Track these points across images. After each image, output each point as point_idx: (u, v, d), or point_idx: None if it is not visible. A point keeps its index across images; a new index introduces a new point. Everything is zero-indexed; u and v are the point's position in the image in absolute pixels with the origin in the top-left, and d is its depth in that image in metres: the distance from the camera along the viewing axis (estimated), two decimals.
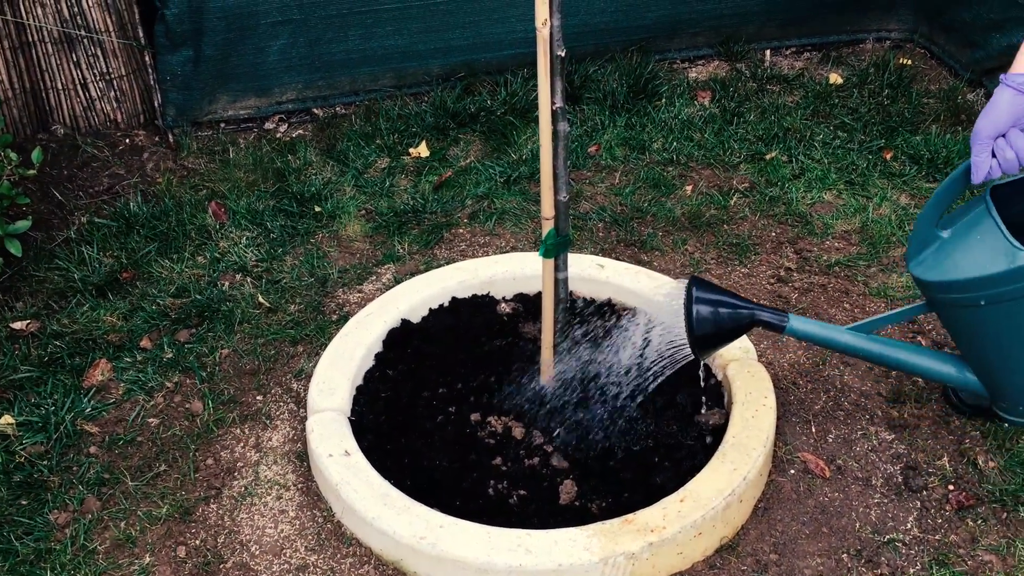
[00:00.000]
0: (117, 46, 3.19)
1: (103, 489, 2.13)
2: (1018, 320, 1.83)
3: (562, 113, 1.89)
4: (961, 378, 2.02)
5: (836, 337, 2.02)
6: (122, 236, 2.84)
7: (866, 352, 2.04)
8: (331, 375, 2.25)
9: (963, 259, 1.86)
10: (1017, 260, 1.77)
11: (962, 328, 1.96)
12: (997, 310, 1.83)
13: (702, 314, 1.90)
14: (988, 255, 1.81)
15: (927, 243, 1.93)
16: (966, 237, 1.88)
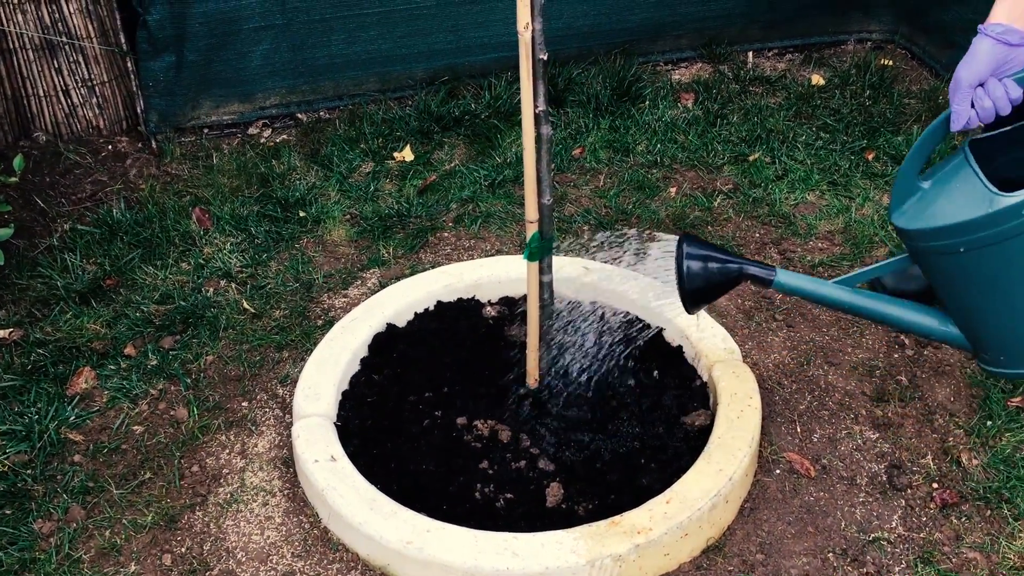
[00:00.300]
0: (99, 52, 3.18)
1: (88, 498, 2.11)
2: (996, 266, 1.85)
3: (545, 116, 1.90)
4: (944, 331, 2.02)
5: (822, 291, 2.03)
6: (105, 243, 2.83)
7: (851, 305, 2.05)
8: (317, 380, 2.24)
9: (943, 207, 1.88)
10: (995, 205, 1.79)
11: (944, 277, 1.98)
12: (977, 256, 1.85)
13: (693, 269, 1.92)
14: (967, 202, 1.83)
15: (908, 194, 1.95)
16: (946, 186, 1.90)
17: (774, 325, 2.52)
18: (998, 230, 1.80)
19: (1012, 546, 1.95)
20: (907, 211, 1.95)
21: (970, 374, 2.35)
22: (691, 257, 1.93)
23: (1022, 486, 2.06)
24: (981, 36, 1.79)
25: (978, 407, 2.26)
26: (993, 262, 1.85)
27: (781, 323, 2.52)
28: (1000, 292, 1.90)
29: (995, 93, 1.77)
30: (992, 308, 1.93)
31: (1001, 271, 1.86)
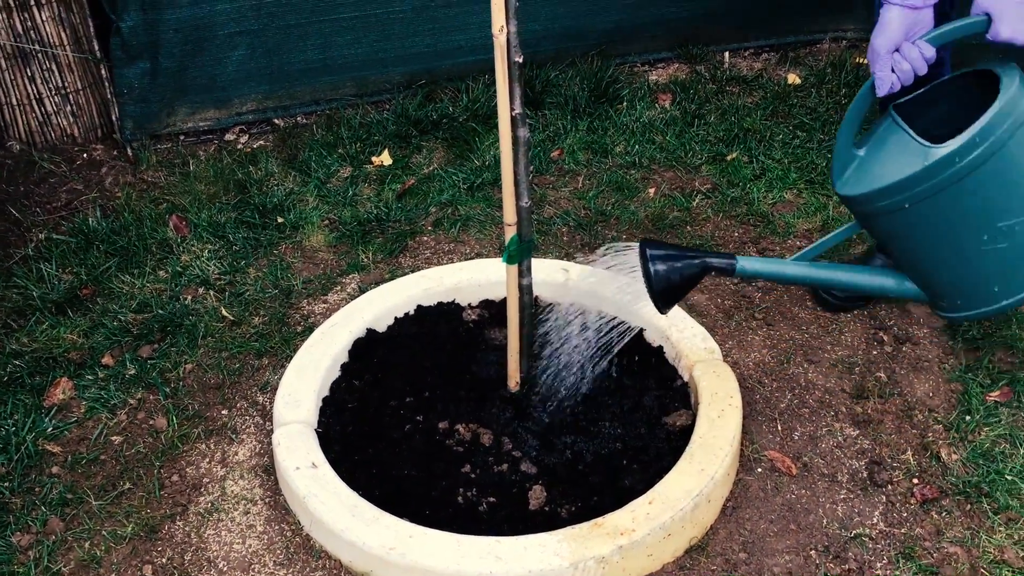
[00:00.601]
0: (72, 60, 3.15)
1: (66, 509, 2.09)
2: (940, 215, 1.96)
3: (522, 119, 1.90)
4: (901, 288, 2.12)
5: (783, 270, 2.13)
6: (81, 252, 2.80)
7: (813, 278, 2.17)
8: (297, 387, 2.23)
9: (882, 168, 1.99)
10: (930, 157, 1.91)
11: (893, 236, 2.08)
12: (920, 209, 1.96)
13: (660, 271, 2.00)
14: (904, 160, 1.95)
15: (847, 163, 2.07)
16: (881, 149, 2.02)
17: (754, 324, 2.53)
18: (936, 181, 1.91)
19: (992, 540, 1.97)
20: (849, 179, 2.06)
21: (948, 369, 2.37)
22: (655, 260, 2.00)
23: (1001, 480, 2.08)
24: (888, 5, 1.90)
25: (957, 402, 2.28)
26: (936, 212, 1.95)
27: (761, 322, 2.53)
28: (947, 239, 2.00)
29: (911, 55, 1.90)
30: (942, 256, 2.03)
31: (944, 219, 1.96)
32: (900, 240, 2.07)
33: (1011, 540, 1.96)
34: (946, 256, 2.02)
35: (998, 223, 1.94)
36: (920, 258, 2.07)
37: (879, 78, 1.93)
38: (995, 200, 1.93)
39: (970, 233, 1.97)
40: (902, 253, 2.10)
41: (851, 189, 2.05)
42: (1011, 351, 2.39)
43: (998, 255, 1.98)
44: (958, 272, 2.04)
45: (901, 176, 1.94)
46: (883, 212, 2.01)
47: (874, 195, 1.99)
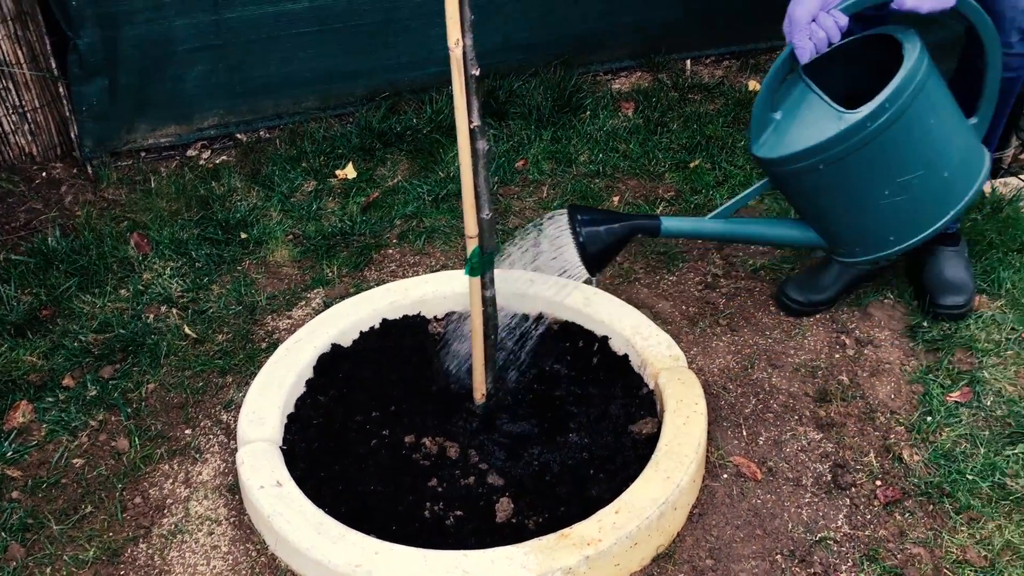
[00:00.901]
0: (30, 78, 3.12)
1: (27, 535, 2.06)
2: (849, 174, 2.13)
3: (481, 131, 1.90)
4: (805, 237, 2.33)
5: (703, 227, 2.32)
6: (41, 272, 2.77)
7: (730, 233, 2.34)
8: (261, 404, 2.21)
9: (799, 132, 2.14)
10: (844, 123, 2.06)
11: (805, 194, 2.25)
12: (832, 169, 2.12)
13: (589, 234, 2.12)
14: (819, 124, 2.10)
15: (765, 127, 2.21)
16: (797, 113, 2.16)
17: (718, 330, 2.54)
18: (849, 144, 2.07)
19: (954, 540, 1.99)
20: (766, 142, 2.20)
21: (909, 371, 2.40)
22: (584, 223, 2.13)
23: (962, 480, 2.10)
24: None
25: (918, 403, 2.30)
26: (845, 171, 2.12)
27: (725, 328, 2.55)
28: (853, 194, 2.18)
29: (826, 24, 2.04)
30: (847, 209, 2.22)
31: (852, 177, 2.14)
32: (809, 196, 2.24)
33: (973, 540, 1.99)
34: (851, 209, 2.21)
35: (898, 179, 2.14)
36: (827, 212, 2.25)
37: (799, 47, 2.06)
38: (897, 158, 2.12)
39: (874, 189, 2.16)
40: (809, 208, 2.28)
41: (769, 152, 2.18)
42: (970, 352, 2.42)
43: (896, 207, 2.18)
44: (860, 223, 2.24)
45: (817, 140, 2.08)
46: (797, 173, 2.16)
47: (791, 158, 2.13)
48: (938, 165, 2.15)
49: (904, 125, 2.06)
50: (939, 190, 2.19)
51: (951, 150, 2.17)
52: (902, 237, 2.25)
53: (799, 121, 2.15)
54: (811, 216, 2.29)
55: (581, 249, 2.13)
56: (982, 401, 2.29)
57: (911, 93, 2.04)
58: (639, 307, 2.54)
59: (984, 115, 2.25)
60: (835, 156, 2.09)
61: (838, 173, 2.12)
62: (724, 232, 2.33)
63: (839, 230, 2.28)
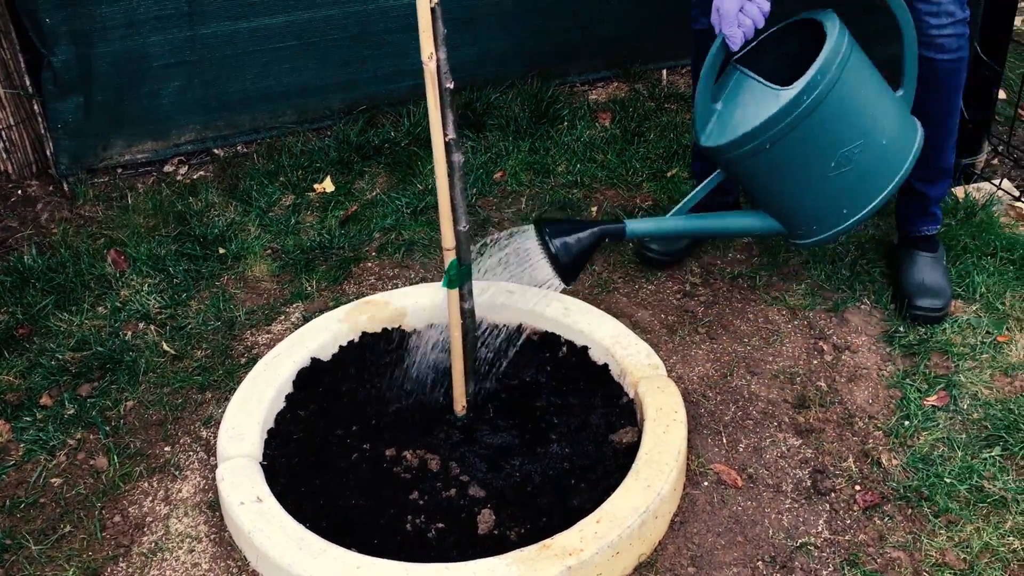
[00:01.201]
0: (3, 96, 3.10)
1: (5, 556, 2.04)
2: (795, 150, 2.22)
3: (456, 144, 1.91)
4: (763, 224, 2.41)
5: (664, 225, 2.39)
6: (17, 291, 2.75)
7: (691, 228, 2.43)
8: (240, 420, 2.21)
9: (741, 116, 2.24)
10: (782, 99, 2.17)
11: (756, 177, 2.33)
12: (779, 148, 2.21)
13: (561, 245, 2.19)
14: (759, 105, 2.21)
15: (708, 118, 2.30)
16: (736, 100, 2.27)
17: (697, 338, 2.55)
18: (790, 119, 2.17)
19: (933, 543, 2.01)
20: (712, 132, 2.30)
21: (886, 376, 2.42)
22: (554, 235, 2.20)
23: (940, 483, 2.12)
24: None
25: (895, 408, 2.32)
26: (792, 148, 2.22)
27: (704, 336, 2.56)
28: (802, 171, 2.27)
29: (752, 12, 2.15)
30: (799, 187, 2.31)
31: (799, 153, 2.23)
32: (762, 180, 2.33)
33: (952, 543, 2.00)
34: (803, 187, 2.30)
35: (841, 150, 2.23)
36: (781, 193, 2.34)
37: (730, 36, 2.16)
38: (836, 130, 2.21)
39: (820, 163, 2.25)
40: (764, 192, 2.37)
41: (716, 140, 2.27)
42: (946, 356, 2.45)
43: (844, 179, 2.27)
44: (814, 200, 2.33)
45: (760, 120, 2.18)
46: (747, 156, 2.24)
47: (738, 141, 2.22)
48: (875, 134, 2.25)
49: (837, 96, 2.17)
50: (880, 159, 2.29)
51: (885, 119, 2.28)
52: (854, 209, 2.33)
53: (740, 106, 2.25)
54: (766, 201, 2.38)
55: (555, 261, 2.18)
56: (959, 405, 2.31)
57: (839, 65, 2.16)
58: (618, 316, 2.55)
59: (908, 86, 2.36)
60: (779, 134, 2.18)
61: (785, 151, 2.22)
62: (685, 228, 2.42)
63: (795, 211, 2.36)
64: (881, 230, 2.87)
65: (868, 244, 2.83)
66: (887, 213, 2.75)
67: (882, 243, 2.83)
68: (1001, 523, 2.03)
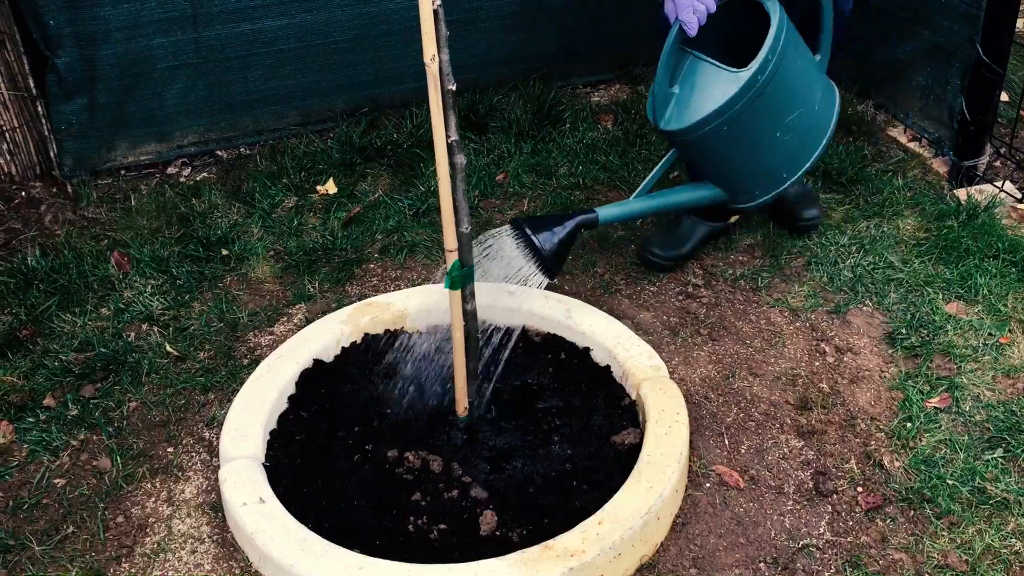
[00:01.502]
0: (8, 98, 3.11)
1: (8, 556, 2.05)
2: (748, 126, 2.36)
3: (458, 146, 1.91)
4: (710, 194, 2.55)
5: (631, 208, 2.50)
6: (20, 292, 2.75)
7: (654, 207, 2.54)
8: (243, 421, 2.21)
9: (701, 99, 2.35)
10: (740, 80, 2.30)
11: (709, 154, 2.46)
12: (734, 125, 2.34)
13: (544, 240, 2.26)
14: (718, 87, 2.33)
15: (666, 103, 2.41)
16: (694, 83, 2.39)
17: (699, 340, 2.56)
18: (747, 98, 2.31)
19: (936, 545, 2.00)
20: (671, 116, 2.40)
21: (888, 378, 2.42)
22: (536, 230, 2.27)
23: (943, 485, 2.12)
24: None
25: (898, 409, 2.32)
26: (745, 124, 2.35)
27: (706, 337, 2.56)
28: (753, 144, 2.41)
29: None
30: (748, 159, 2.45)
31: (751, 128, 2.37)
32: (715, 156, 2.46)
33: (954, 544, 2.00)
34: (752, 158, 2.45)
35: (785, 120, 2.39)
36: (730, 166, 2.48)
37: (687, 22, 2.29)
38: (782, 101, 2.37)
39: (768, 134, 2.40)
40: (715, 167, 2.50)
41: (676, 124, 2.38)
42: (948, 358, 2.45)
43: (786, 146, 2.44)
44: (759, 168, 2.48)
45: (722, 101, 2.30)
46: (705, 136, 2.37)
47: (701, 122, 2.34)
48: (810, 100, 2.43)
49: (783, 71, 2.32)
50: (813, 123, 2.46)
51: (815, 85, 2.46)
52: (792, 171, 2.49)
53: (698, 90, 2.36)
54: (715, 174, 2.52)
55: (539, 255, 2.27)
56: (961, 406, 2.31)
57: (784, 41, 2.30)
58: (620, 318, 2.55)
59: (825, 51, 2.51)
60: (737, 112, 2.31)
61: (739, 127, 2.34)
62: (649, 207, 2.53)
63: (741, 180, 2.51)
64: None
65: (870, 246, 2.83)
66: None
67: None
68: (1003, 525, 2.03)
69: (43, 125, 3.16)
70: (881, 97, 3.50)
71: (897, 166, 3.22)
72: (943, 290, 2.65)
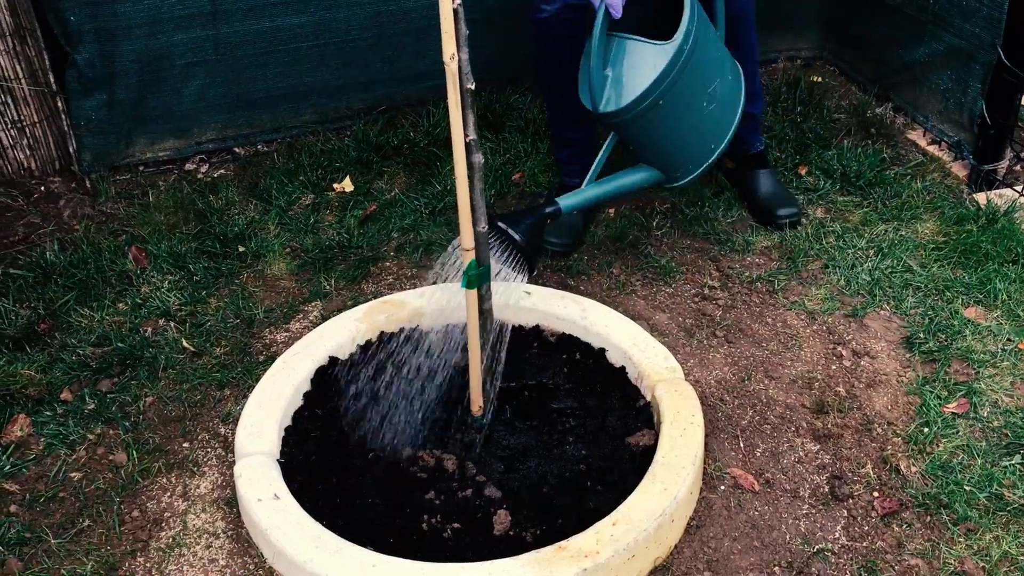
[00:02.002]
0: (28, 93, 3.13)
1: (25, 549, 2.06)
2: (678, 99, 2.42)
3: (476, 145, 1.91)
4: (649, 176, 2.61)
5: (586, 195, 2.56)
6: (39, 286, 2.77)
7: (604, 193, 2.58)
8: (259, 417, 2.22)
9: (636, 75, 2.40)
10: (670, 51, 2.36)
11: (647, 132, 2.51)
12: (667, 99, 2.40)
13: (523, 236, 2.31)
14: (650, 61, 2.38)
15: (602, 85, 2.44)
16: (625, 62, 2.43)
17: (715, 342, 2.55)
18: (676, 69, 2.37)
19: (952, 551, 1.99)
20: (609, 98, 2.44)
21: (906, 382, 2.40)
22: (513, 225, 2.32)
23: (960, 491, 2.11)
24: None
25: (915, 414, 2.31)
26: (676, 97, 2.42)
27: (722, 339, 2.56)
28: (684, 116, 2.48)
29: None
30: (682, 133, 2.52)
31: (681, 101, 2.44)
32: (653, 133, 2.51)
33: (971, 551, 1.99)
34: (685, 131, 2.52)
35: (708, 89, 2.47)
36: (666, 142, 2.54)
37: (612, 4, 2.35)
38: (705, 70, 2.45)
39: (697, 104, 2.47)
40: (651, 145, 2.56)
41: (615, 104, 2.42)
42: (967, 363, 2.43)
43: (712, 116, 2.53)
44: (692, 140, 2.56)
45: (657, 74, 2.36)
46: (644, 113, 2.41)
47: (638, 100, 2.38)
48: (725, 70, 2.53)
49: (702, 41, 2.40)
50: (730, 93, 2.56)
51: (725, 56, 2.56)
52: (718, 142, 2.58)
53: (631, 67, 2.42)
54: (652, 153, 2.58)
55: (522, 249, 2.32)
56: (979, 412, 2.30)
57: (698, 10, 2.39)
58: (636, 319, 2.55)
59: (721, 27, 2.60)
60: (668, 85, 2.38)
61: (673, 99, 2.41)
62: (600, 193, 2.57)
63: (676, 156, 2.58)
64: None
65: (888, 249, 2.82)
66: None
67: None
68: (1021, 532, 2.02)
69: (63, 120, 3.18)
70: (901, 100, 3.48)
71: (916, 169, 3.20)
72: (962, 295, 2.64)
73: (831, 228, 2.93)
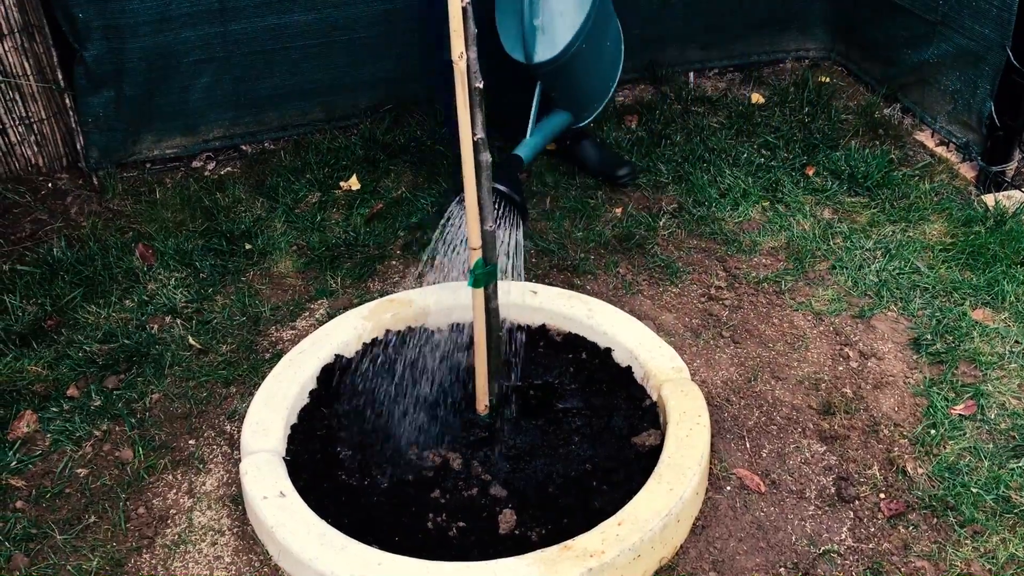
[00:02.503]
0: (36, 90, 3.13)
1: (31, 545, 2.06)
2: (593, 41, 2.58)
3: (484, 144, 1.91)
4: (563, 119, 2.80)
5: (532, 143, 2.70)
6: (46, 283, 2.78)
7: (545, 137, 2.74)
8: (264, 415, 2.22)
9: (564, 22, 2.54)
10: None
11: (572, 74, 2.65)
12: (589, 41, 2.56)
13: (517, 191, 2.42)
14: (573, 8, 2.53)
15: (533, 36, 2.56)
16: (551, 11, 2.55)
17: (721, 342, 2.54)
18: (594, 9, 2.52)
19: (959, 553, 1.99)
20: (539, 48, 2.57)
21: (913, 384, 2.39)
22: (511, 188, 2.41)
23: (967, 493, 2.10)
24: None
25: (922, 416, 2.30)
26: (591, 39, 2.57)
27: (728, 340, 2.55)
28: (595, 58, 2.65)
29: None
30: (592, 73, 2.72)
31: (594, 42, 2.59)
32: (574, 75, 2.67)
33: (977, 553, 1.98)
34: (596, 71, 2.73)
35: (608, 28, 2.65)
36: (584, 81, 2.73)
37: None
38: (606, 11, 2.64)
39: (602, 45, 2.68)
40: (571, 86, 2.72)
41: (550, 52, 2.55)
42: (974, 365, 2.42)
43: (610, 54, 2.75)
44: (598, 80, 2.77)
45: (582, 19, 2.52)
46: (571, 59, 2.56)
47: (569, 45, 2.52)
48: (612, 12, 2.73)
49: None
50: (617, 33, 2.82)
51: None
52: (613, 79, 2.83)
53: (560, 15, 2.55)
54: (568, 96, 2.76)
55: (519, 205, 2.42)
56: (986, 414, 2.29)
57: None
58: (642, 319, 2.54)
59: None
60: (591, 26, 2.54)
61: (590, 41, 2.57)
62: (542, 140, 2.74)
63: (584, 97, 2.78)
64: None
65: (895, 251, 2.81)
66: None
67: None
68: None
69: (70, 117, 3.19)
70: (909, 101, 3.47)
71: (924, 170, 3.19)
72: (969, 296, 2.63)
73: (838, 229, 2.92)
